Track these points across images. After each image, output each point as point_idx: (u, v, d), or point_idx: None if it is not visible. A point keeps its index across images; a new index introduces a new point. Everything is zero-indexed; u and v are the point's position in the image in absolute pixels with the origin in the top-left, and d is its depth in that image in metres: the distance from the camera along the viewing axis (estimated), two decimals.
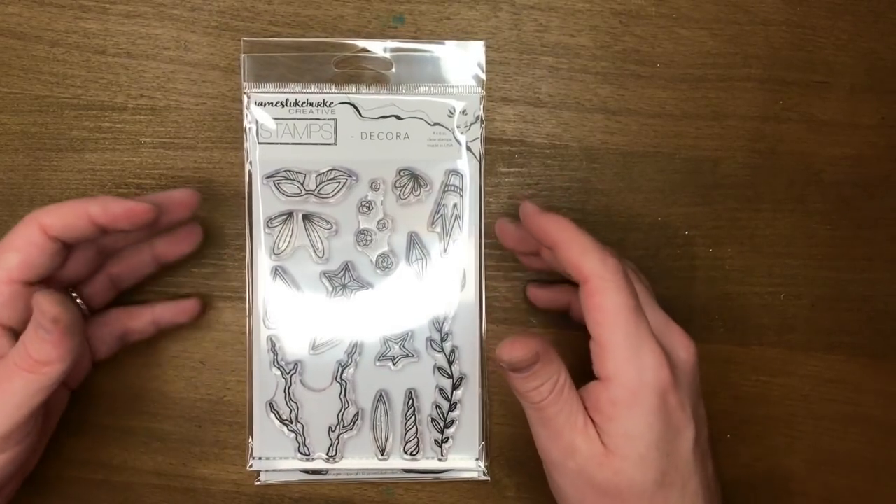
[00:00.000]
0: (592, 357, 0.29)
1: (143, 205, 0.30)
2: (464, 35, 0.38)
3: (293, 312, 0.37)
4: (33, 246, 0.30)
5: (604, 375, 0.29)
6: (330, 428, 0.37)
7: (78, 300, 0.33)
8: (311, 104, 0.37)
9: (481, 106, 0.37)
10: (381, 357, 0.37)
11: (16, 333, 0.30)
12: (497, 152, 0.38)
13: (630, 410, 0.28)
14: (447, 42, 0.37)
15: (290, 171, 0.37)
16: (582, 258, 0.29)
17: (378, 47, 0.37)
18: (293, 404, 0.37)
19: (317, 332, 0.37)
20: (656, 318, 0.31)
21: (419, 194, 0.37)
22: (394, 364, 0.37)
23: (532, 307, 0.37)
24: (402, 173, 0.37)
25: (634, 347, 0.28)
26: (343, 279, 0.37)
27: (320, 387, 0.37)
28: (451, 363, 0.37)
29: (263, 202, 0.37)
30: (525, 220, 0.31)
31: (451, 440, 0.37)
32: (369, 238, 0.37)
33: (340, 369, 0.37)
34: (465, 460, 0.37)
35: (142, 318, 0.35)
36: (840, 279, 0.38)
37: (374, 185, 0.37)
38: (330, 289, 0.37)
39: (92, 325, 0.35)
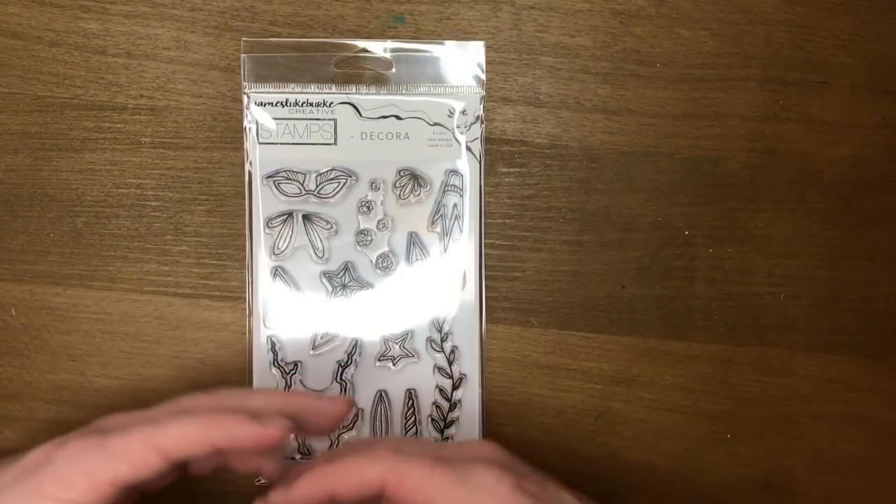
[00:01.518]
0: None
1: (273, 428, 0.27)
2: (464, 35, 0.38)
3: (293, 312, 0.37)
4: (145, 466, 0.28)
5: None
6: None
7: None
8: (311, 104, 0.37)
9: (481, 106, 0.37)
10: (381, 357, 0.37)
11: None
12: (497, 152, 0.38)
13: None
14: (447, 42, 0.37)
15: (290, 171, 0.37)
16: (365, 468, 0.27)
17: (378, 47, 0.37)
18: None
19: (317, 332, 0.37)
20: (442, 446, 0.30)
21: (419, 194, 0.37)
22: (394, 364, 0.37)
23: None
24: (402, 173, 0.37)
25: (465, 479, 0.27)
26: (343, 279, 0.37)
27: (320, 387, 0.37)
28: (451, 363, 0.37)
29: (263, 202, 0.37)
30: (298, 497, 0.28)
31: (450, 440, 0.37)
32: (369, 238, 0.37)
33: (340, 369, 0.37)
34: None
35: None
36: (840, 279, 0.38)
37: (374, 185, 0.37)
38: (330, 289, 0.37)
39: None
